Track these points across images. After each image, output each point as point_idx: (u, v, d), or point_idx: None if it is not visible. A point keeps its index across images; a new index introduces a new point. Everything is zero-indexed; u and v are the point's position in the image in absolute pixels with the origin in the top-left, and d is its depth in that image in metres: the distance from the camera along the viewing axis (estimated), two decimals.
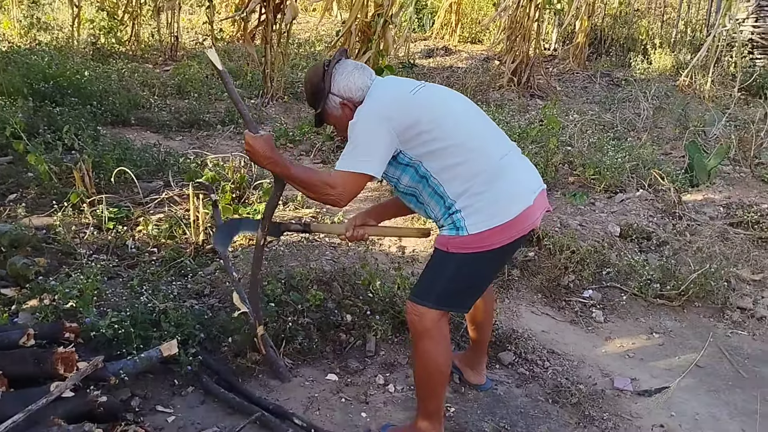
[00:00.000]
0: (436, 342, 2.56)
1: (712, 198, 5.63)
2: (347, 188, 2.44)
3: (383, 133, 2.40)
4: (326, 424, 2.84)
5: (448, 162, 2.43)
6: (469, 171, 2.43)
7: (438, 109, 2.49)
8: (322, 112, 2.62)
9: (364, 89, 2.54)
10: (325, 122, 2.71)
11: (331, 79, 2.55)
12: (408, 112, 2.44)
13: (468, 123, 2.53)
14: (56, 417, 2.35)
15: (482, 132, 2.56)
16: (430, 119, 2.44)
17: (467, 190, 2.42)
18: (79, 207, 4.49)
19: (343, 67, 2.57)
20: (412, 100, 2.49)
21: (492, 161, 2.47)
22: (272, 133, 7.10)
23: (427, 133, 2.42)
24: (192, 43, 12.47)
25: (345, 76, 2.55)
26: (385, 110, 2.44)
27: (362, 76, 2.56)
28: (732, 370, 3.59)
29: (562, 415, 3.06)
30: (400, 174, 2.53)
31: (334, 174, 2.45)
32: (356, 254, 4.21)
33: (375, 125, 2.41)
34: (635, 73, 11.03)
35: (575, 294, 4.20)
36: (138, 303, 3.30)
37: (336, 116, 2.61)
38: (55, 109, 6.25)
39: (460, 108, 2.59)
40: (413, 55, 12.64)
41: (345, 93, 2.55)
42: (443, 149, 2.43)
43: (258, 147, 2.49)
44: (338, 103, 2.57)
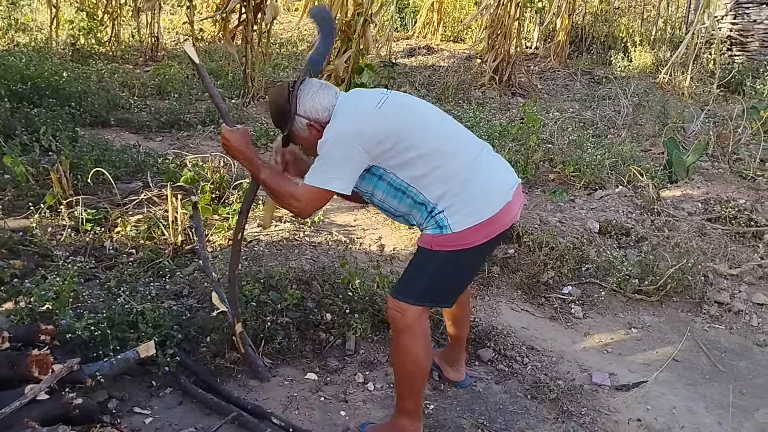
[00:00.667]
0: (417, 338, 2.57)
1: (690, 194, 5.68)
2: (311, 203, 2.50)
3: (353, 151, 2.41)
4: (305, 423, 2.83)
5: (422, 170, 2.44)
6: (445, 174, 2.44)
7: (406, 120, 2.50)
8: (290, 133, 2.62)
9: (330, 108, 2.54)
10: (293, 143, 2.72)
11: (297, 101, 2.54)
12: (377, 127, 2.44)
13: (437, 128, 2.56)
14: (30, 420, 2.32)
15: (452, 134, 2.58)
16: (399, 130, 2.45)
17: (446, 192, 2.44)
18: (56, 209, 4.45)
19: (309, 88, 2.56)
20: (379, 114, 2.48)
21: (466, 161, 2.49)
22: (252, 132, 7.08)
23: (400, 143, 2.43)
24: (172, 44, 12.39)
25: (311, 96, 2.53)
26: (353, 128, 2.43)
27: (327, 95, 2.55)
28: (709, 364, 3.62)
29: (541, 410, 3.08)
30: (373, 188, 2.55)
31: (301, 187, 2.48)
32: (336, 253, 4.21)
33: (345, 143, 2.42)
34: (616, 71, 11.11)
35: (555, 290, 4.22)
36: (115, 304, 3.28)
37: (303, 137, 2.61)
38: (32, 111, 6.18)
39: (427, 114, 2.61)
40: (395, 54, 12.65)
41: (312, 114, 2.54)
42: (417, 158, 2.44)
43: (234, 141, 2.53)
44: (305, 124, 2.56)
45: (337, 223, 4.95)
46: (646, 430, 3.01)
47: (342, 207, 5.24)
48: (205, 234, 4.44)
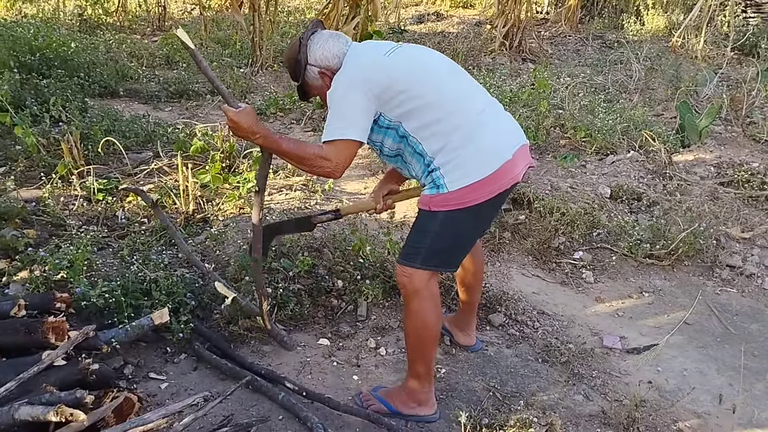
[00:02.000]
0: (426, 302, 2.58)
1: (702, 158, 5.63)
2: (341, 158, 2.42)
3: (361, 97, 2.40)
4: (318, 387, 2.87)
5: (425, 120, 2.43)
6: (447, 127, 2.42)
7: (413, 69, 2.49)
8: (303, 84, 2.64)
9: (341, 56, 2.54)
10: (308, 94, 2.73)
11: (307, 51, 2.57)
12: (383, 74, 2.43)
13: (444, 80, 2.52)
14: (49, 384, 2.36)
15: (459, 88, 2.54)
16: (405, 79, 2.44)
17: (445, 146, 2.42)
18: (68, 179, 4.48)
19: (318, 37, 2.59)
20: (387, 61, 2.48)
21: (469, 117, 2.46)
22: (261, 101, 7.05)
23: (404, 93, 2.42)
24: (180, 13, 12.31)
25: (320, 45, 2.56)
26: (361, 74, 2.44)
27: (337, 43, 2.57)
28: (720, 327, 3.63)
29: (552, 373, 3.10)
30: (383, 138, 2.54)
31: (324, 146, 2.43)
32: (346, 220, 4.21)
33: (353, 91, 2.41)
34: (628, 35, 10.93)
35: (566, 256, 4.22)
36: (129, 272, 3.30)
37: (317, 86, 2.63)
38: (41, 82, 6.19)
39: (436, 66, 2.57)
40: (404, 20, 12.51)
41: (322, 62, 2.56)
42: (420, 108, 2.42)
43: (243, 122, 2.44)
44: (317, 73, 2.58)
45: (348, 191, 4.95)
46: (657, 391, 3.03)
47: (352, 175, 5.24)
48: (216, 203, 4.46)
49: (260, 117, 6.65)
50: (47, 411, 2.12)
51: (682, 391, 3.05)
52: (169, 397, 2.72)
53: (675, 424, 2.83)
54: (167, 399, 2.70)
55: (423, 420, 2.71)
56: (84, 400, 2.21)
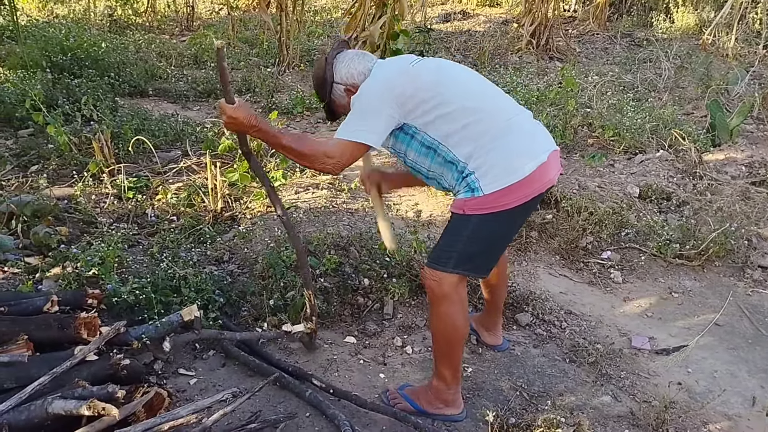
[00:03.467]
0: (455, 306, 2.57)
1: (734, 157, 5.55)
2: (344, 158, 2.42)
3: (385, 104, 2.41)
4: (345, 385, 2.88)
5: (452, 126, 2.42)
6: (475, 131, 2.41)
7: (438, 77, 2.49)
8: (330, 102, 2.68)
9: (366, 73, 2.57)
10: (335, 114, 2.75)
11: (333, 69, 2.60)
12: (409, 82, 2.44)
13: (469, 86, 2.53)
14: (81, 379, 2.40)
15: (485, 95, 2.54)
16: (430, 87, 2.44)
17: (476, 149, 2.40)
18: (99, 177, 4.55)
19: (344, 56, 2.63)
20: (412, 70, 2.49)
21: (498, 120, 2.45)
22: (288, 100, 7.09)
23: (429, 100, 2.42)
24: (207, 13, 12.42)
25: (346, 64, 2.59)
26: (387, 82, 2.46)
27: (363, 61, 2.61)
28: (752, 328, 3.57)
29: (579, 373, 3.08)
30: (406, 148, 2.54)
31: (332, 143, 2.42)
32: (373, 219, 4.22)
33: (376, 96, 2.43)
34: (657, 33, 10.81)
35: (593, 255, 4.18)
36: (158, 270, 3.35)
37: (343, 105, 2.64)
38: (73, 81, 6.29)
39: (460, 73, 2.59)
40: (430, 19, 12.49)
41: (348, 80, 2.59)
42: (446, 115, 2.42)
43: (241, 116, 2.40)
44: (343, 90, 2.61)
45: None
46: (686, 393, 2.99)
47: None
48: (244, 201, 4.50)
49: (287, 116, 6.70)
50: (80, 405, 2.16)
51: (712, 392, 3.01)
52: (198, 393, 2.74)
53: (705, 426, 2.79)
54: (196, 395, 2.73)
55: (449, 419, 2.71)
56: (116, 395, 2.24)
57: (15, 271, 3.42)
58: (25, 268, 3.45)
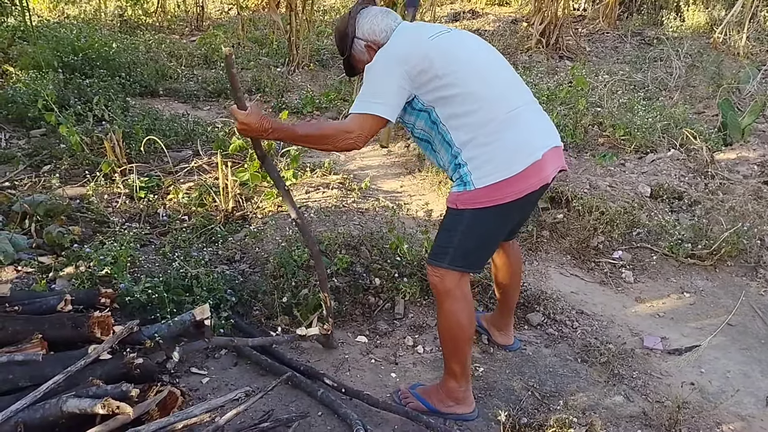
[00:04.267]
0: (459, 302, 2.57)
1: (746, 156, 5.52)
2: (364, 131, 2.41)
3: (397, 76, 2.39)
4: (357, 384, 2.88)
5: (457, 110, 2.40)
6: (477, 120, 2.39)
7: (454, 56, 2.44)
8: (350, 57, 2.66)
9: (389, 31, 2.55)
10: (355, 69, 2.72)
11: (356, 24, 2.59)
12: (423, 57, 2.40)
13: (484, 72, 2.48)
14: (95, 378, 2.41)
15: (497, 82, 2.50)
16: (442, 66, 2.40)
17: (472, 139, 2.39)
18: (111, 177, 4.58)
19: (368, 12, 2.61)
20: (429, 44, 2.44)
21: (501, 112, 2.42)
22: (298, 100, 7.10)
23: (440, 78, 2.39)
24: (217, 13, 12.46)
25: (369, 19, 2.58)
26: (401, 53, 2.43)
27: (386, 18, 2.58)
28: (765, 328, 3.56)
29: (591, 373, 3.07)
30: (415, 119, 2.53)
31: (349, 118, 2.42)
32: (383, 219, 4.23)
33: (390, 68, 2.41)
34: (668, 32, 10.75)
35: (605, 255, 4.17)
36: (170, 269, 3.37)
37: (363, 61, 2.61)
38: (84, 81, 6.33)
39: (479, 56, 2.53)
40: (439, 18, 12.47)
41: (369, 36, 2.58)
42: (454, 96, 2.40)
43: (253, 121, 2.43)
44: (363, 46, 2.60)
45: (384, 190, 4.97)
46: (699, 393, 2.98)
47: (389, 173, 5.26)
48: (255, 201, 4.51)
49: (297, 115, 6.72)
50: (94, 404, 2.17)
51: (725, 393, 3.00)
52: (211, 392, 2.76)
53: (718, 426, 2.78)
54: (209, 393, 2.74)
55: (461, 418, 2.71)
56: (129, 394, 2.25)
57: (29, 271, 3.44)
58: (38, 268, 3.47)
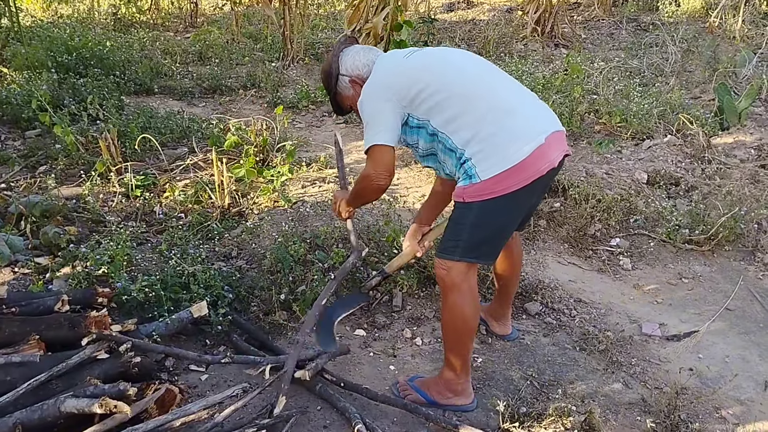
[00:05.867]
0: (465, 295, 2.57)
1: (742, 140, 5.51)
2: (379, 164, 2.52)
3: (386, 102, 2.50)
4: (355, 377, 2.89)
5: (450, 113, 2.44)
6: (473, 117, 2.41)
7: (432, 66, 2.54)
8: (336, 95, 2.77)
9: (370, 65, 2.67)
10: (342, 107, 2.83)
11: (339, 62, 2.71)
12: (403, 75, 2.52)
13: (465, 73, 2.52)
14: (93, 377, 2.42)
15: (483, 79, 2.53)
16: (424, 77, 2.48)
17: (474, 136, 2.40)
18: (106, 176, 4.57)
19: (350, 49, 2.75)
20: (406, 63, 2.57)
21: (497, 103, 2.44)
22: (293, 94, 7.08)
23: (425, 90, 2.46)
24: (211, 9, 12.42)
25: (351, 56, 2.71)
26: (382, 80, 2.56)
27: (368, 54, 2.71)
28: (763, 312, 3.55)
29: (590, 362, 3.08)
30: (417, 138, 2.57)
31: (366, 164, 2.57)
32: (380, 212, 4.22)
33: (377, 97, 2.52)
34: (663, 17, 10.73)
35: (602, 243, 4.17)
36: (167, 267, 3.37)
37: (349, 96, 2.75)
38: (78, 81, 6.32)
39: (457, 60, 2.59)
40: (434, 9, 12.45)
41: (353, 71, 2.70)
42: (442, 102, 2.44)
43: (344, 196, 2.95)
44: (348, 82, 2.71)
45: None
46: (698, 378, 2.98)
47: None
48: (251, 197, 4.51)
49: (293, 110, 6.70)
50: (92, 403, 2.18)
51: (724, 378, 3.00)
52: (210, 389, 2.76)
53: (717, 411, 2.78)
54: (208, 390, 2.74)
55: (460, 409, 2.71)
56: (127, 393, 2.26)
57: (25, 272, 3.44)
58: (35, 269, 3.47)
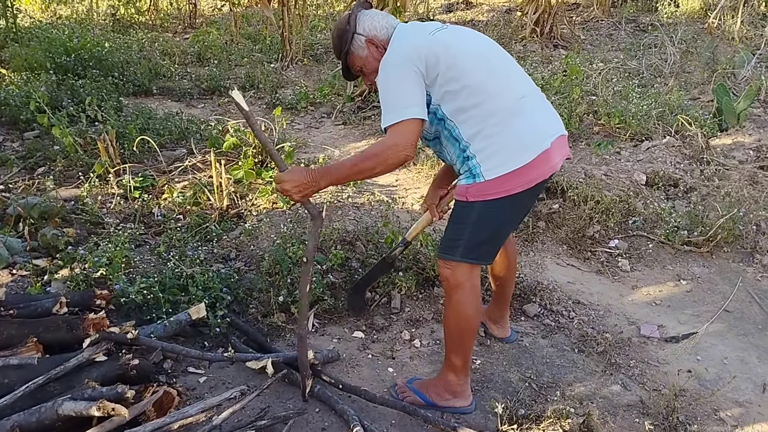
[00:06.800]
0: (468, 295, 2.57)
1: (741, 141, 5.51)
2: (408, 137, 2.33)
3: (413, 75, 2.36)
4: (354, 380, 2.88)
5: (463, 103, 2.39)
6: (484, 112, 2.38)
7: (456, 50, 2.43)
8: (348, 53, 2.61)
9: (389, 28, 2.55)
10: (352, 69, 2.68)
11: (356, 21, 2.58)
12: (429, 53, 2.38)
13: (487, 64, 2.46)
14: (90, 380, 2.41)
15: (501, 73, 2.49)
16: (447, 59, 2.38)
17: (480, 131, 2.38)
18: (105, 177, 4.57)
19: (368, 11, 2.62)
20: (431, 39, 2.44)
21: (508, 103, 2.41)
22: (292, 95, 7.08)
23: (444, 73, 2.38)
24: (210, 10, 12.42)
25: (370, 17, 2.58)
26: (409, 53, 2.39)
27: (387, 18, 2.60)
28: (762, 314, 3.55)
29: (588, 363, 3.08)
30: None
31: (389, 134, 2.35)
32: (379, 213, 4.22)
33: (404, 70, 2.37)
34: (662, 18, 10.72)
35: (601, 244, 4.17)
36: (166, 269, 3.36)
37: (362, 57, 2.60)
38: (77, 82, 6.32)
39: (481, 49, 2.52)
40: (433, 10, 12.45)
41: (370, 31, 2.56)
42: (459, 90, 2.38)
43: (302, 178, 2.37)
44: (364, 41, 2.57)
45: (379, 184, 4.96)
46: (696, 380, 2.98)
47: None
48: (249, 198, 4.50)
49: (291, 111, 6.70)
50: (90, 406, 2.17)
51: (722, 379, 3.00)
52: (208, 391, 2.75)
53: (716, 413, 2.78)
54: (206, 392, 2.74)
55: (458, 411, 2.71)
56: (125, 395, 2.26)
57: (23, 274, 3.44)
58: (33, 270, 3.46)
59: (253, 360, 2.79)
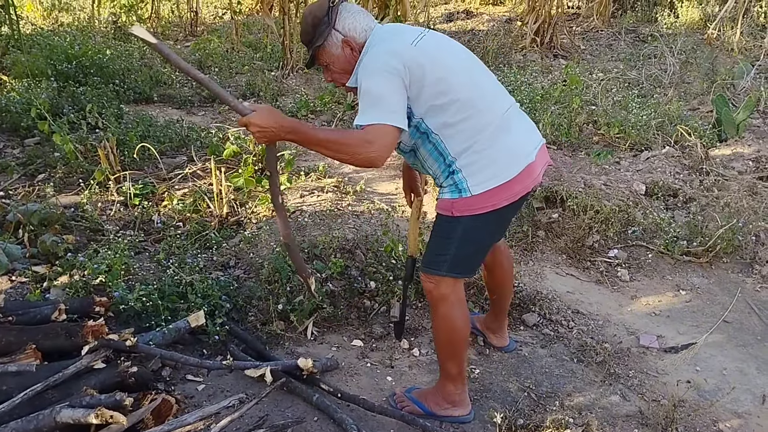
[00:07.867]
0: (454, 307, 2.57)
1: (740, 152, 5.52)
2: (384, 143, 2.20)
3: (397, 85, 2.25)
4: (352, 388, 2.88)
5: (450, 118, 2.34)
6: (473, 127, 2.34)
7: (441, 61, 2.35)
8: (322, 47, 2.44)
9: (368, 30, 2.42)
10: (317, 61, 2.51)
11: (337, 15, 2.41)
12: (414, 64, 2.28)
13: (473, 77, 2.42)
14: (89, 387, 2.41)
15: (486, 87, 2.46)
16: (435, 72, 2.30)
17: (469, 147, 2.35)
18: (105, 184, 4.57)
19: (350, 7, 2.46)
20: (415, 51, 2.32)
21: (495, 118, 2.38)
22: (293, 104, 7.10)
23: (431, 87, 2.30)
24: (211, 18, 12.46)
25: (352, 15, 2.43)
26: (392, 63, 2.26)
27: (367, 19, 2.45)
28: (761, 325, 3.55)
29: (587, 373, 3.07)
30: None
31: (369, 128, 2.20)
32: (378, 221, 4.22)
33: (389, 78, 2.25)
34: (662, 28, 10.75)
35: (600, 254, 4.17)
36: (165, 276, 3.37)
37: (335, 54, 2.45)
38: (78, 89, 6.32)
39: (465, 61, 2.47)
40: (433, 19, 12.48)
41: (349, 32, 2.41)
42: (447, 104, 2.32)
43: (266, 122, 2.23)
44: (340, 40, 2.42)
45: (379, 192, 4.96)
46: (695, 391, 2.98)
47: (383, 175, 5.25)
48: (249, 206, 4.50)
49: None
50: (88, 413, 2.17)
51: (721, 390, 3.00)
52: (206, 399, 2.75)
53: (715, 424, 2.78)
54: (204, 400, 2.73)
55: (457, 421, 2.71)
56: (123, 403, 2.25)
57: (23, 280, 3.43)
58: (32, 277, 3.46)
59: (251, 368, 2.78)
